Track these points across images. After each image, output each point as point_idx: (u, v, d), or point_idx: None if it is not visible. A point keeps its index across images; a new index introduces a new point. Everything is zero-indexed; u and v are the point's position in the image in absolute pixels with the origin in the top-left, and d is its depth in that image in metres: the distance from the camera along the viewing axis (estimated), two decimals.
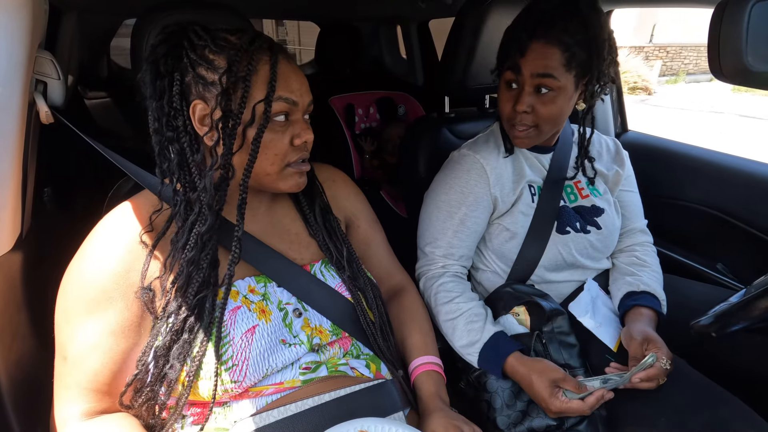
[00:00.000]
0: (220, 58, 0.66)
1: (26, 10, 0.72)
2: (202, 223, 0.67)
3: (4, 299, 0.79)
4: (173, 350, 0.65)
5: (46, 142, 0.96)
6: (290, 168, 0.72)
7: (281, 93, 0.67)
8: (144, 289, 0.66)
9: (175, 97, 0.66)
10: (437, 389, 0.80)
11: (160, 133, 0.68)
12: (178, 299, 0.66)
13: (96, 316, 0.65)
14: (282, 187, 0.73)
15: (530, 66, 0.89)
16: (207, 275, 0.67)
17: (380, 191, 2.05)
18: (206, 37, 0.66)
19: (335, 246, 0.82)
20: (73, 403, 0.66)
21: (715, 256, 1.36)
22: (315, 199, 0.84)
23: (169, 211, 0.70)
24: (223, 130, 0.66)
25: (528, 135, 0.96)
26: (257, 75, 0.66)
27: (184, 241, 0.67)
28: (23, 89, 0.75)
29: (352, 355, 0.78)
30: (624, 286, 1.02)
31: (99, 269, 0.66)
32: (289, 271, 0.76)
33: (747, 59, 0.68)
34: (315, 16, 2.52)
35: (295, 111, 0.71)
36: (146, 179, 0.77)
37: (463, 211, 1.00)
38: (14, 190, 0.78)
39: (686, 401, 0.83)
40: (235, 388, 0.67)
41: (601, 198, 1.07)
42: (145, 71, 0.67)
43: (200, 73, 0.66)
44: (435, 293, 0.98)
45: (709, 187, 1.37)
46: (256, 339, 0.68)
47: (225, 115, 0.65)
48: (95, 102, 2.19)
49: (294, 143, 0.71)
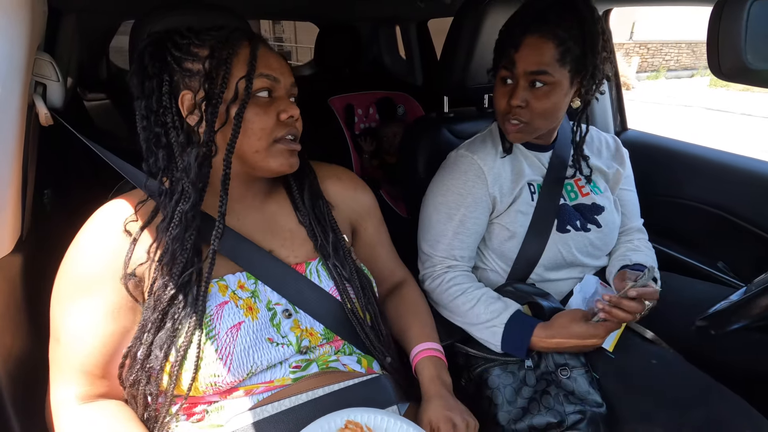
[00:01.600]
0: (203, 49, 0.69)
1: (25, 12, 0.71)
2: (186, 201, 0.67)
3: (5, 301, 0.79)
4: (157, 337, 0.66)
5: (45, 143, 0.96)
6: (279, 144, 0.72)
7: (262, 70, 0.69)
8: (128, 275, 0.67)
9: (164, 96, 0.68)
10: (438, 372, 0.80)
11: (149, 130, 0.70)
12: (164, 277, 0.67)
13: (86, 298, 0.67)
14: (272, 165, 0.72)
15: (524, 60, 0.89)
16: (191, 255, 0.68)
17: (380, 191, 2.06)
18: (189, 35, 0.70)
19: (323, 230, 0.80)
20: (68, 385, 0.67)
21: (716, 254, 1.36)
22: (305, 183, 0.83)
23: (154, 202, 0.72)
24: (206, 110, 0.67)
25: (520, 129, 0.96)
26: (238, 57, 0.69)
27: (169, 220, 0.68)
28: (22, 91, 0.75)
29: (344, 353, 0.78)
30: (617, 263, 1.06)
31: (89, 255, 0.68)
32: (278, 272, 0.75)
33: (746, 57, 0.68)
34: (314, 16, 2.52)
35: (278, 88, 0.72)
36: (141, 179, 0.77)
37: (462, 212, 1.00)
38: (14, 193, 0.78)
39: (685, 398, 0.83)
40: (220, 383, 0.67)
41: (601, 196, 1.07)
42: (132, 74, 0.70)
43: (185, 67, 0.69)
44: (446, 289, 0.99)
45: (710, 185, 1.37)
46: (240, 335, 0.68)
47: (208, 95, 0.67)
48: (94, 104, 2.19)
49: (280, 118, 0.72)
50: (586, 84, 0.94)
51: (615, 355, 0.93)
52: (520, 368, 0.91)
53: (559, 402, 0.87)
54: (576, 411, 0.85)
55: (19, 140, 0.76)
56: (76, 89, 1.83)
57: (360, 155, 2.15)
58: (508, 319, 0.91)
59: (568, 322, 0.88)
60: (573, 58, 0.89)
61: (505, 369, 0.91)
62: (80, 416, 0.66)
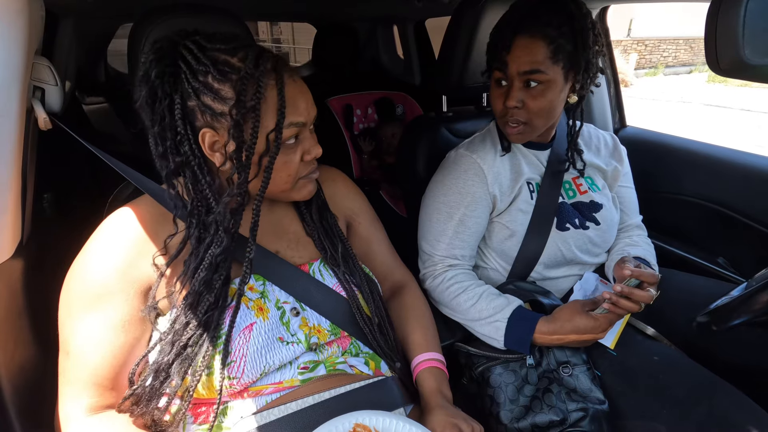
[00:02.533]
0: (226, 87, 0.64)
1: (23, 17, 0.71)
2: (218, 245, 0.67)
3: (6, 306, 0.79)
4: (174, 365, 0.66)
5: (44, 148, 0.96)
6: (302, 180, 0.75)
7: (291, 118, 0.67)
8: (149, 306, 0.67)
9: (178, 122, 0.64)
10: (439, 385, 0.80)
11: (167, 158, 0.66)
12: (188, 316, 0.66)
13: (97, 310, 0.66)
14: (296, 198, 0.76)
15: (517, 61, 0.89)
16: (218, 294, 0.68)
17: (380, 191, 2.06)
18: (206, 62, 0.63)
19: (331, 242, 0.83)
20: (77, 398, 0.66)
21: (716, 250, 1.36)
22: (312, 199, 0.84)
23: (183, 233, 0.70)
24: (238, 161, 0.65)
25: (520, 131, 0.96)
26: (266, 103, 0.65)
27: (198, 262, 0.67)
28: (21, 96, 0.75)
29: (351, 354, 0.78)
30: (616, 258, 1.05)
31: (100, 265, 0.67)
32: (286, 272, 0.76)
33: (744, 53, 0.68)
34: (311, 17, 2.52)
35: (304, 130, 0.72)
36: (147, 184, 0.77)
37: (462, 211, 1.00)
38: (14, 197, 0.78)
39: (687, 394, 0.83)
40: (234, 385, 0.67)
41: (599, 193, 1.07)
42: (142, 95, 0.65)
43: (206, 102, 0.64)
44: (447, 288, 0.99)
45: (710, 181, 1.37)
46: (253, 336, 0.69)
47: (238, 146, 0.65)
48: (93, 107, 2.19)
49: (304, 159, 0.73)
50: (581, 79, 0.94)
51: (616, 353, 0.93)
52: (521, 366, 0.91)
53: (561, 400, 0.87)
54: (578, 408, 0.85)
55: (18, 145, 0.76)
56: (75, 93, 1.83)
57: (359, 156, 2.15)
58: (510, 313, 0.91)
59: (570, 315, 0.88)
60: (565, 54, 0.89)
61: (506, 367, 0.91)
62: (90, 428, 0.65)
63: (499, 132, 1.04)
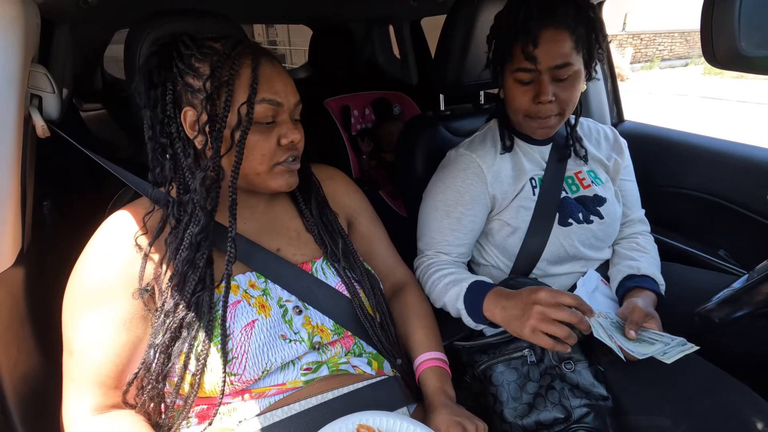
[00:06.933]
0: (204, 65, 0.68)
1: (18, 25, 0.72)
2: (196, 224, 0.68)
3: (8, 314, 0.79)
4: (174, 347, 0.66)
5: (43, 155, 0.96)
6: (279, 167, 0.74)
7: (264, 95, 0.69)
8: (141, 289, 0.68)
9: (168, 105, 0.68)
10: (442, 384, 0.80)
11: (155, 140, 0.70)
12: (175, 297, 0.67)
13: (98, 309, 0.67)
14: (272, 186, 0.75)
15: (547, 55, 0.88)
16: (203, 274, 0.68)
17: (379, 191, 2.06)
18: (192, 46, 0.69)
19: (331, 238, 0.83)
20: (81, 397, 0.67)
21: (717, 243, 1.35)
22: (311, 194, 0.85)
23: (161, 212, 0.72)
24: (210, 133, 0.67)
25: (553, 124, 0.96)
26: (240, 78, 0.68)
27: (178, 242, 0.68)
28: (18, 104, 0.75)
29: (354, 354, 0.78)
30: (624, 269, 1.03)
31: (100, 265, 0.68)
32: (287, 272, 0.77)
33: (740, 44, 0.68)
34: (307, 19, 2.52)
35: (281, 112, 0.72)
36: (146, 188, 0.78)
37: (460, 210, 1.00)
38: (14, 205, 0.78)
39: (692, 388, 0.83)
40: (236, 381, 0.67)
41: (603, 187, 1.07)
42: (139, 81, 0.70)
43: (188, 82, 0.68)
44: (425, 273, 0.99)
45: (709, 173, 1.37)
46: (255, 333, 0.69)
47: (211, 119, 0.67)
48: (91, 114, 2.19)
49: (281, 143, 0.72)
50: (592, 66, 0.95)
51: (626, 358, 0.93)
52: (523, 364, 0.91)
53: (564, 396, 0.87)
54: (582, 405, 0.85)
55: (17, 153, 0.77)
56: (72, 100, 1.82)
57: (358, 156, 2.15)
58: (470, 283, 0.91)
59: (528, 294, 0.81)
60: (583, 43, 0.90)
61: (508, 365, 0.91)
62: (94, 427, 0.65)
63: (500, 131, 1.04)
